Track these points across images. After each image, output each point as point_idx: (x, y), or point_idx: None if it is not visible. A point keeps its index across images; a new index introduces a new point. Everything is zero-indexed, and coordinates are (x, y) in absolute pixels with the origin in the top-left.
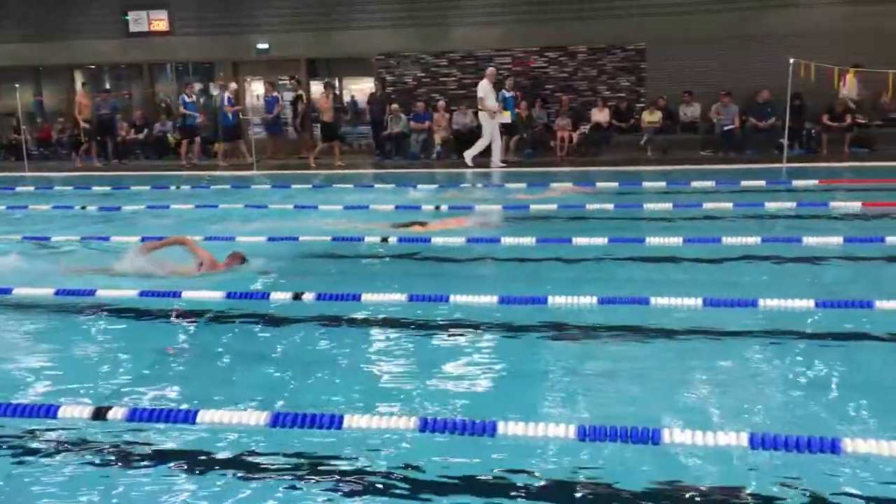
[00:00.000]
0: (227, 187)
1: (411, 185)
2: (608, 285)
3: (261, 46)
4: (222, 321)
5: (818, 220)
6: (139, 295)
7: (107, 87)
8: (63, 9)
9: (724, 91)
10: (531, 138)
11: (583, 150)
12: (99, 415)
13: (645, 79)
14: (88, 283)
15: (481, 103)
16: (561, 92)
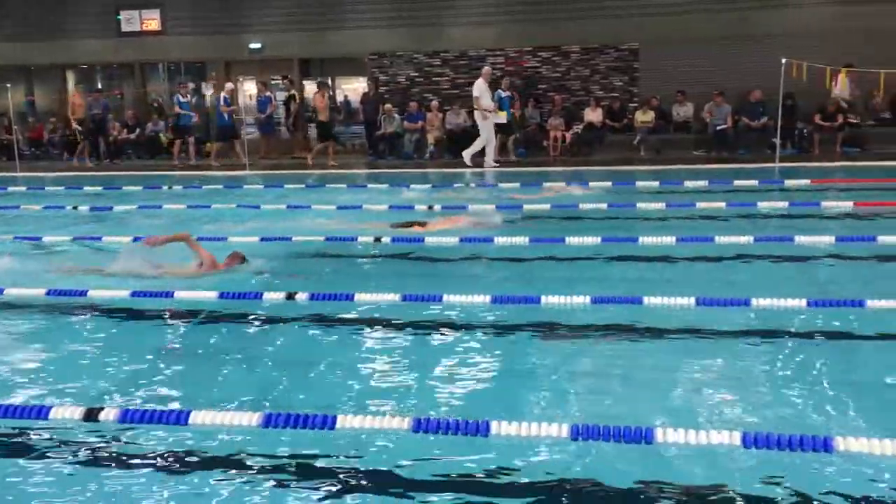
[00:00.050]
0: (219, 187)
1: (405, 185)
2: (601, 285)
3: (253, 46)
4: (216, 321)
5: (810, 220)
6: (132, 295)
7: (98, 86)
8: (55, 8)
9: (716, 91)
10: (524, 138)
11: (576, 150)
12: (91, 416)
13: (638, 78)
14: (81, 283)
15: (476, 103)
16: (554, 92)
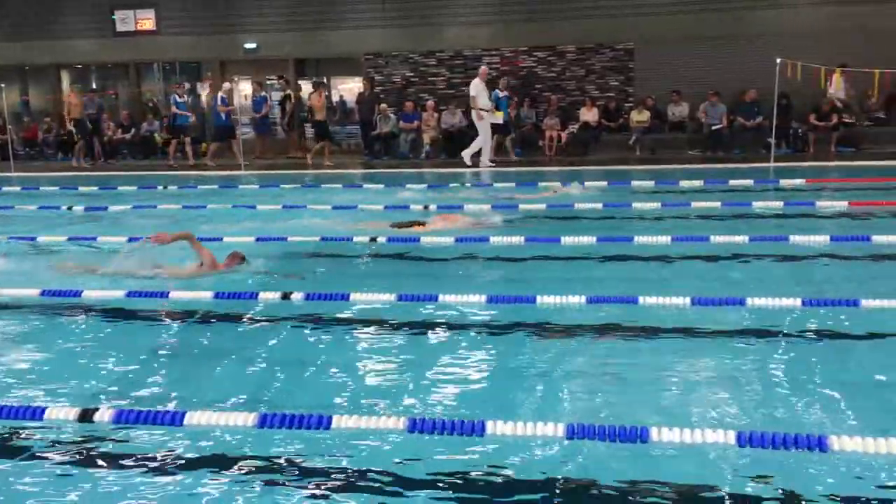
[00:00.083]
0: (214, 187)
1: (401, 185)
2: (597, 284)
3: (248, 46)
4: (211, 322)
5: (805, 220)
6: (127, 295)
7: (93, 86)
8: (50, 8)
9: (712, 91)
10: (520, 138)
11: (571, 150)
12: (86, 417)
13: (633, 78)
14: (78, 283)
15: (473, 102)
16: (549, 91)
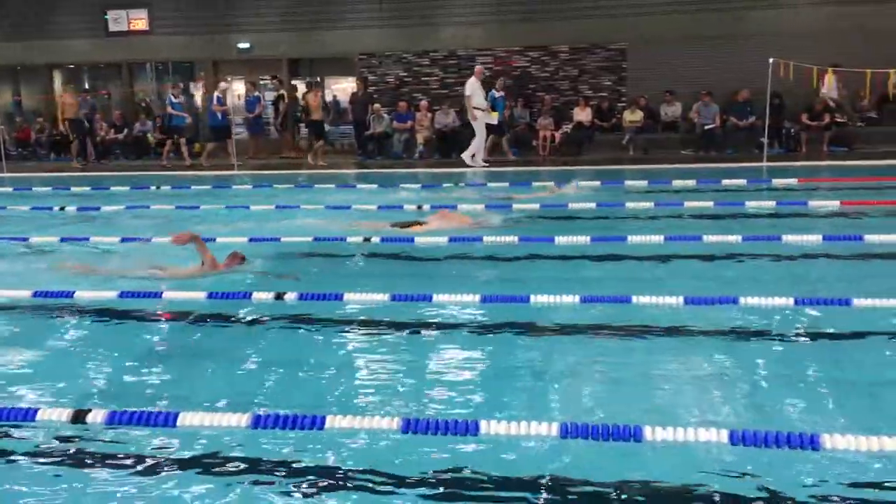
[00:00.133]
0: (208, 188)
1: (395, 185)
2: (590, 284)
3: (242, 46)
4: (205, 322)
5: (797, 219)
6: (119, 296)
7: (86, 86)
8: (42, 8)
9: (704, 91)
10: (513, 137)
11: (565, 150)
12: (78, 418)
13: (626, 78)
14: (69, 283)
15: (468, 101)
16: (543, 91)
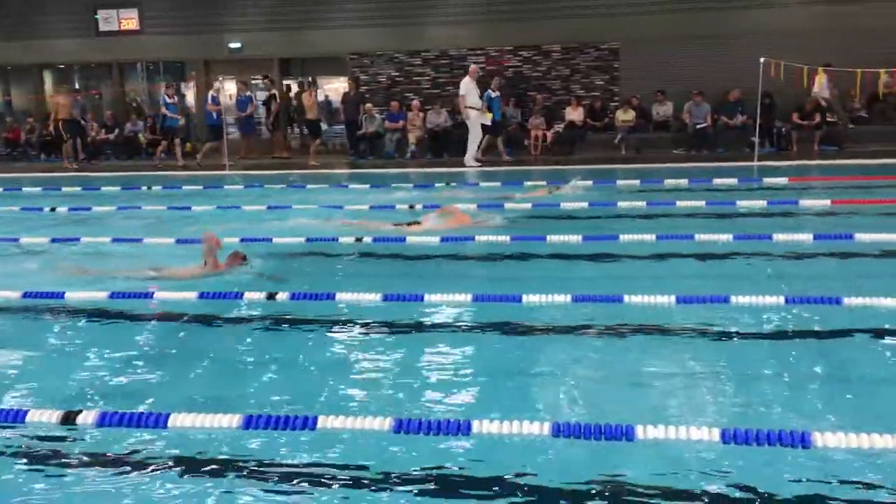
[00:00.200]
0: (199, 188)
1: (387, 185)
2: (582, 283)
3: (233, 45)
4: (196, 322)
5: (788, 218)
6: (110, 297)
7: (76, 86)
8: (32, 8)
9: (696, 90)
10: (505, 137)
11: (557, 149)
12: (68, 419)
13: (618, 78)
14: (60, 284)
15: (462, 101)
16: (535, 91)
